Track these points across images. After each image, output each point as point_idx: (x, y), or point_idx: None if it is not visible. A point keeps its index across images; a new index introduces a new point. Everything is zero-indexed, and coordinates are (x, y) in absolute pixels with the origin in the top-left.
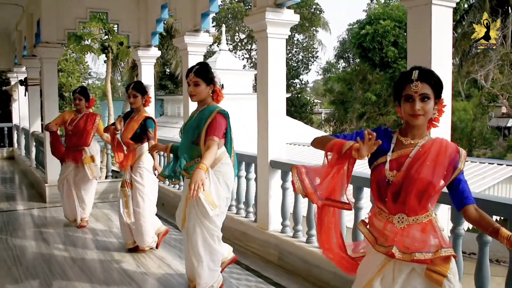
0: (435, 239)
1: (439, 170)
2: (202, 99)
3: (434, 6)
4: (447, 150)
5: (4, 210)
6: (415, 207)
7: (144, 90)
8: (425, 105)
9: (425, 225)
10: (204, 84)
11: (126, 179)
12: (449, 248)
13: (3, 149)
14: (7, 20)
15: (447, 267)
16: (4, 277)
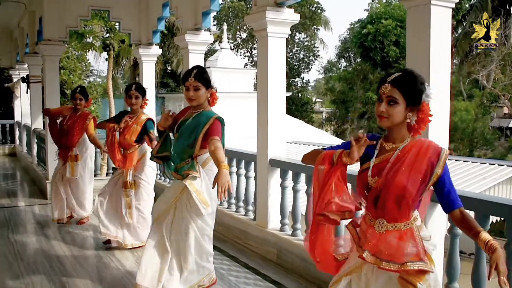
0: (412, 248)
1: (414, 175)
2: (200, 103)
3: (433, 6)
4: (426, 153)
5: (5, 206)
6: (394, 214)
7: (144, 92)
8: (390, 109)
9: (404, 233)
10: (204, 89)
11: (129, 179)
12: (424, 262)
13: (5, 146)
14: (9, 17)
15: (421, 278)
16: (5, 272)
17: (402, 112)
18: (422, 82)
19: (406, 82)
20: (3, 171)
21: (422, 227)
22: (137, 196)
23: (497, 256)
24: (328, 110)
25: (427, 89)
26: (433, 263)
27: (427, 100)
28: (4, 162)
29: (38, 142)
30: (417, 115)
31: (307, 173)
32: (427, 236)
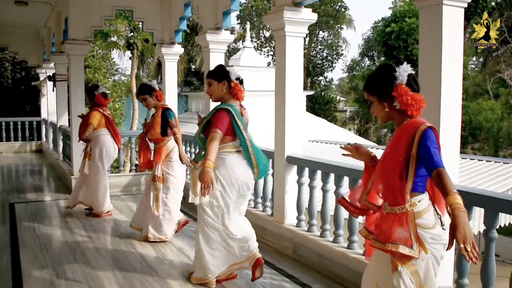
0: (404, 233)
1: (394, 157)
2: (219, 97)
3: (445, 6)
4: (405, 132)
5: (32, 200)
6: (390, 197)
7: (149, 90)
8: (372, 108)
9: (398, 217)
10: (215, 82)
11: (158, 173)
12: (408, 247)
13: (32, 143)
14: (36, 17)
15: (405, 262)
16: (31, 263)
17: (379, 106)
18: (385, 71)
19: (368, 82)
20: (30, 167)
21: (423, 214)
22: (165, 190)
23: (457, 222)
24: (352, 109)
25: (396, 74)
26: (425, 251)
27: (398, 82)
28: (31, 158)
29: (63, 139)
30: (397, 100)
31: (323, 170)
32: (428, 225)
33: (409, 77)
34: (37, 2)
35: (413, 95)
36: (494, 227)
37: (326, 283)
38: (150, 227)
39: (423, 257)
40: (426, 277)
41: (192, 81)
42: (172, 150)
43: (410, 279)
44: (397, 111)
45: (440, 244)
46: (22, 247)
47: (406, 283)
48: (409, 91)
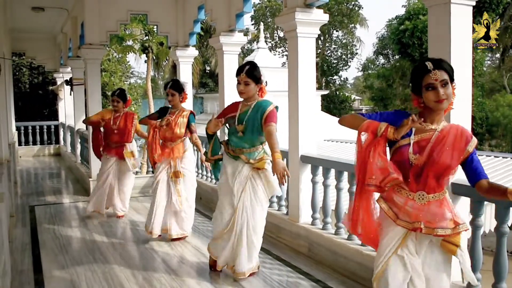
0: (449, 213)
1: (456, 154)
2: (250, 97)
3: (453, 4)
4: (462, 135)
5: (51, 203)
6: (434, 186)
7: (181, 88)
8: (446, 90)
9: (442, 200)
10: (253, 84)
11: (179, 169)
12: (463, 223)
13: (50, 146)
14: (53, 23)
15: (459, 238)
16: (51, 263)
17: (451, 90)
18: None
19: (445, 63)
20: (49, 170)
21: (449, 199)
22: (183, 186)
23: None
24: (367, 108)
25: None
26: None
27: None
28: (49, 161)
29: (81, 142)
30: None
31: (336, 168)
32: (452, 203)
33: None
34: (53, 8)
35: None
36: (505, 222)
37: (340, 280)
38: (173, 224)
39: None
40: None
41: (207, 82)
42: (188, 149)
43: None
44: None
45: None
46: (43, 248)
47: (464, 258)
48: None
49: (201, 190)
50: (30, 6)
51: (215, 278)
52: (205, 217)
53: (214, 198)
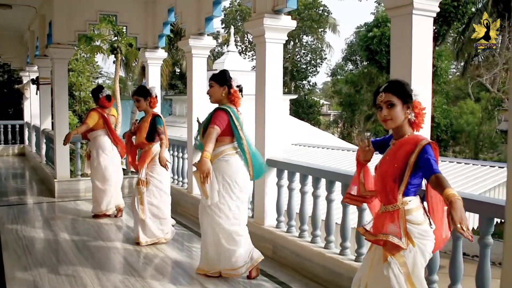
0: (395, 228)
1: (392, 163)
2: (217, 99)
3: (415, 16)
4: (405, 145)
5: (14, 203)
6: (385, 197)
7: (146, 93)
8: (391, 111)
9: (390, 214)
10: (216, 86)
11: (142, 177)
12: (398, 239)
13: (14, 146)
14: (20, 20)
15: (394, 253)
16: (14, 265)
17: (401, 111)
18: (407, 84)
19: (396, 86)
20: (13, 170)
21: (413, 212)
22: (148, 193)
23: (454, 206)
24: (335, 113)
25: (413, 90)
26: (413, 244)
27: (416, 98)
28: (13, 161)
29: (47, 142)
30: (413, 111)
31: (301, 172)
32: (416, 221)
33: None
34: (21, 6)
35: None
36: None
37: (304, 282)
38: (140, 231)
39: (411, 250)
40: (413, 269)
41: (176, 84)
42: (156, 155)
43: (398, 269)
44: (408, 122)
45: (427, 240)
46: (5, 249)
47: (395, 273)
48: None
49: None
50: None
51: (179, 280)
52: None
53: (180, 201)
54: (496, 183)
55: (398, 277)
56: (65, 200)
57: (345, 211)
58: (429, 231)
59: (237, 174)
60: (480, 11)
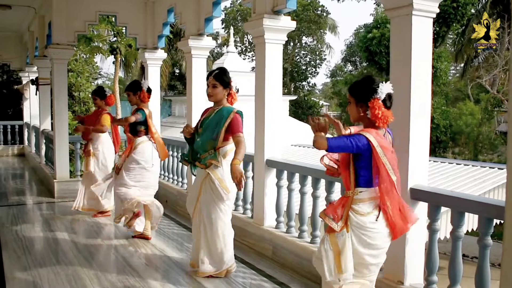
0: (338, 211)
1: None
2: (218, 100)
3: (415, 16)
4: None
5: (14, 204)
6: (344, 183)
7: (135, 88)
8: (348, 107)
9: (344, 199)
10: (221, 87)
11: (118, 164)
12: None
13: (14, 146)
14: (20, 21)
15: (329, 232)
16: (14, 265)
17: (355, 109)
18: (369, 84)
19: (353, 85)
20: (12, 171)
21: (359, 203)
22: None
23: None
24: (335, 114)
25: (378, 89)
26: (347, 229)
27: (377, 96)
28: (13, 162)
29: (46, 142)
30: (370, 110)
31: (301, 173)
32: (360, 212)
33: (386, 95)
34: (21, 6)
35: (384, 111)
36: (460, 226)
37: (303, 282)
38: None
39: (344, 234)
40: (343, 250)
41: (176, 85)
42: (137, 146)
43: (329, 246)
44: (367, 119)
45: (367, 231)
46: (5, 249)
47: (325, 247)
48: (382, 106)
49: (167, 193)
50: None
51: (179, 280)
52: (170, 220)
53: (180, 201)
54: (496, 185)
55: (327, 251)
56: (64, 200)
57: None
58: (370, 223)
59: None
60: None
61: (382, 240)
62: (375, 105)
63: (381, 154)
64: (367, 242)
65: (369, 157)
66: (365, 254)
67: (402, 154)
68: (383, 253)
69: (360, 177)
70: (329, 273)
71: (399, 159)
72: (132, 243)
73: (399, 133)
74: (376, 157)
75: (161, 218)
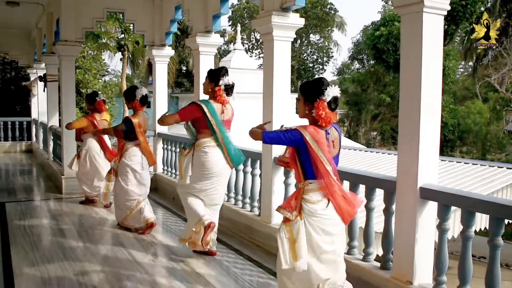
0: (292, 202)
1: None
2: (205, 92)
3: (425, 14)
4: None
5: (22, 200)
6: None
7: (128, 97)
8: (298, 103)
9: (298, 191)
10: (208, 80)
11: (114, 167)
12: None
13: (22, 143)
14: (28, 18)
15: (285, 222)
16: (22, 261)
17: (303, 106)
18: (318, 85)
19: (304, 85)
20: (20, 167)
21: (309, 192)
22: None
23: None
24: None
25: (325, 91)
26: (300, 217)
27: (323, 98)
28: (21, 158)
29: (54, 139)
30: (315, 109)
31: None
32: (310, 200)
33: (331, 98)
34: (29, 3)
35: (327, 112)
36: (471, 227)
37: None
38: None
39: (297, 221)
40: (297, 237)
41: (183, 82)
42: (127, 150)
43: (284, 233)
44: (312, 117)
45: (318, 217)
46: (13, 245)
47: (281, 235)
48: (327, 108)
49: (174, 190)
50: (4, 0)
51: (187, 278)
52: (177, 217)
53: None
54: (504, 184)
55: (282, 239)
56: (72, 196)
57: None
58: (321, 210)
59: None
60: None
61: (335, 226)
62: (319, 106)
63: (315, 147)
64: (320, 228)
65: (306, 151)
66: (320, 241)
67: (411, 152)
68: (340, 241)
69: (306, 170)
70: (285, 261)
71: (408, 158)
72: (140, 239)
73: (409, 132)
74: (310, 150)
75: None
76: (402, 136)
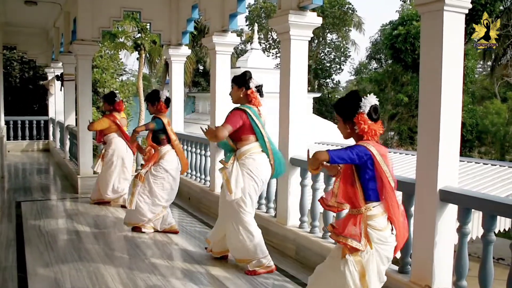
0: (356, 229)
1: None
2: (236, 100)
3: (446, 12)
4: None
5: (38, 199)
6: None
7: (153, 99)
8: (338, 125)
9: (354, 217)
10: (235, 87)
11: (142, 172)
12: (358, 242)
13: (39, 142)
14: (45, 17)
15: (353, 253)
16: (36, 261)
17: (343, 126)
18: (352, 100)
19: (337, 104)
20: (37, 166)
21: (375, 218)
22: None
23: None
24: None
25: (361, 103)
26: (371, 246)
27: (361, 111)
28: (38, 157)
29: (70, 138)
30: (356, 125)
31: (325, 172)
32: (377, 226)
33: (370, 108)
34: (46, 2)
35: (370, 125)
36: (492, 230)
37: None
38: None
39: (368, 251)
40: (367, 269)
41: (200, 82)
42: (164, 155)
43: (354, 266)
44: (356, 134)
45: (386, 245)
46: (28, 245)
47: (350, 269)
48: (367, 120)
49: (190, 191)
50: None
51: (201, 280)
52: (193, 218)
53: (202, 199)
54: None
55: (353, 273)
56: (88, 196)
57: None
58: (389, 237)
59: (260, 171)
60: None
61: (392, 253)
62: (360, 120)
63: (381, 162)
64: (385, 256)
65: (372, 167)
66: (383, 269)
67: (431, 154)
68: None
69: (369, 190)
70: None
71: (427, 159)
72: (155, 241)
73: (428, 133)
74: (377, 165)
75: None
76: (421, 137)
